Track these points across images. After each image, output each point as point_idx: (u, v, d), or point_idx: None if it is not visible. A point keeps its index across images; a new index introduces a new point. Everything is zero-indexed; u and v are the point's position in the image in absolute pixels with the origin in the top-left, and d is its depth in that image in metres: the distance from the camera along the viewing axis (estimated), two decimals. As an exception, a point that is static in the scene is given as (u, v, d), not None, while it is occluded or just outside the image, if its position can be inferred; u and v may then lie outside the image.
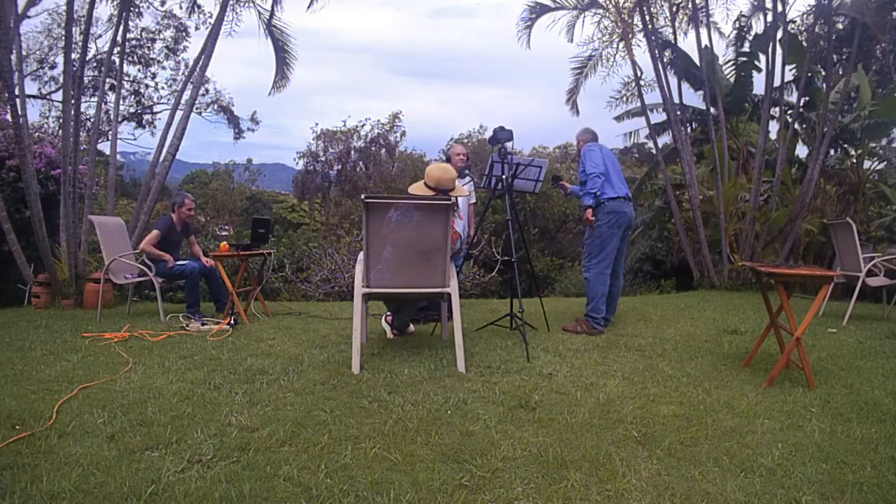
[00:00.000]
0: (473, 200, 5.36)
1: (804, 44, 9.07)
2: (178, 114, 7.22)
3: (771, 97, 8.67)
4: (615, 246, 4.37)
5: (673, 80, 9.14)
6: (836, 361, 3.56)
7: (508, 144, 4.23)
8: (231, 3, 7.71)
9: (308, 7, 8.58)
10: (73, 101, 6.56)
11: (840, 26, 10.10)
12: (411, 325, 4.24)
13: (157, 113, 15.64)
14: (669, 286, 10.96)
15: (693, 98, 10.59)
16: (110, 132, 9.36)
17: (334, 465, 1.95)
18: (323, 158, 19.54)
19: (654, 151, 11.60)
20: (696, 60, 9.11)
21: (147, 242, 5.02)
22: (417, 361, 3.33)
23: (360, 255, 3.39)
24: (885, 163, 11.03)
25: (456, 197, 3.56)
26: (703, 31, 8.98)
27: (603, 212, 4.32)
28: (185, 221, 5.28)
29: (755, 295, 7.18)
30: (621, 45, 9.46)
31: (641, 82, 9.60)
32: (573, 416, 2.45)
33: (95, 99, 9.15)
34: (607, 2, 9.37)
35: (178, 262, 5.01)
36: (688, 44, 15.48)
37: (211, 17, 9.64)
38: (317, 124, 25.45)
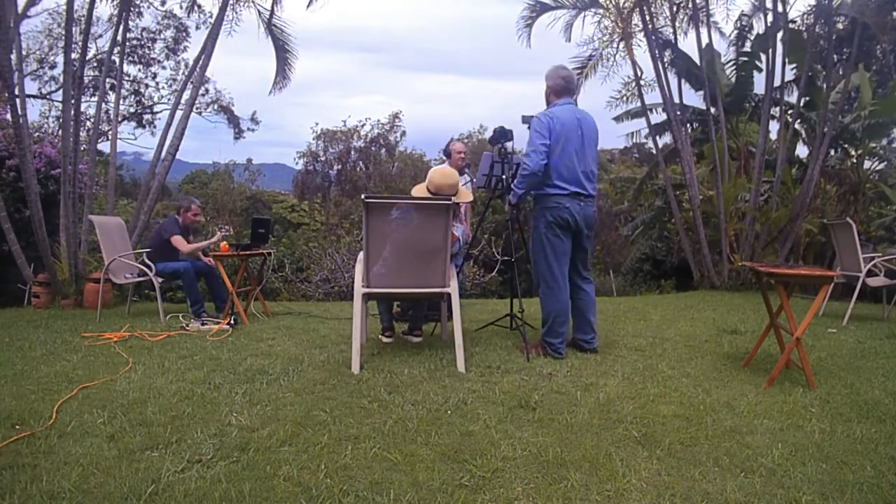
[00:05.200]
0: (471, 199, 5.35)
1: (805, 43, 9.07)
2: (178, 114, 7.22)
3: (771, 97, 8.68)
4: (564, 251, 3.48)
5: (673, 80, 9.16)
6: (836, 361, 3.55)
7: (508, 145, 4.22)
8: (231, 2, 7.71)
9: (308, 6, 8.59)
10: (73, 101, 6.56)
11: (840, 26, 10.10)
12: (419, 337, 4.10)
13: (157, 113, 15.64)
14: (669, 286, 10.97)
15: (693, 98, 10.60)
16: (110, 132, 9.37)
17: (334, 465, 1.95)
18: (323, 158, 19.57)
19: (654, 151, 11.59)
20: (697, 60, 9.12)
21: (185, 247, 5.11)
22: (417, 361, 3.33)
23: (360, 255, 3.39)
24: (886, 163, 11.03)
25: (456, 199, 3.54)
26: (704, 31, 8.99)
27: (539, 206, 3.50)
28: (189, 226, 5.32)
29: (755, 295, 7.17)
30: (621, 45, 9.47)
31: (641, 82, 9.61)
32: (573, 416, 2.45)
33: (95, 99, 9.14)
34: (607, 1, 9.37)
35: (170, 263, 5.03)
36: (688, 44, 15.47)
37: (211, 16, 9.64)
38: (317, 124, 25.48)
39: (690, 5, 8.87)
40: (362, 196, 3.25)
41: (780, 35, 8.32)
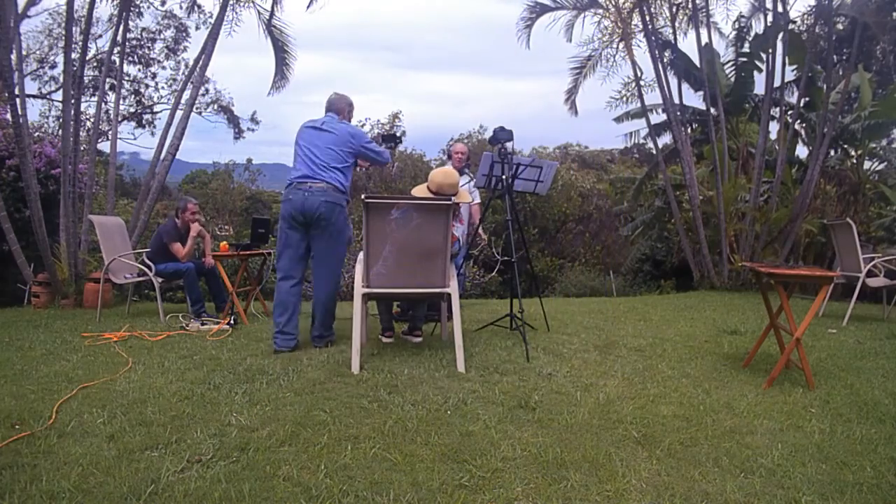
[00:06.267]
0: (478, 200, 5.34)
1: (805, 43, 9.07)
2: (178, 114, 7.23)
3: (771, 97, 8.68)
4: (289, 244, 3.60)
5: (673, 81, 9.16)
6: (836, 362, 3.55)
7: (508, 145, 4.22)
8: (231, 3, 7.71)
9: (308, 7, 8.59)
10: (73, 101, 6.56)
11: (840, 26, 10.11)
12: (419, 337, 4.10)
13: (157, 113, 15.64)
14: (669, 286, 10.98)
15: (693, 98, 10.61)
16: (110, 132, 9.37)
17: (334, 465, 1.95)
18: (323, 158, 19.52)
19: (654, 152, 11.60)
20: (697, 61, 9.12)
21: (181, 253, 5.07)
22: (417, 361, 3.33)
23: (360, 255, 3.39)
24: (885, 163, 11.04)
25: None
26: (703, 32, 8.99)
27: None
28: (188, 225, 5.23)
29: (755, 295, 7.17)
30: (621, 45, 9.47)
31: (641, 83, 9.61)
32: (573, 417, 2.45)
33: (95, 99, 9.14)
34: (607, 2, 9.38)
35: (171, 262, 5.03)
36: (688, 44, 15.48)
37: (211, 16, 9.63)
38: (317, 124, 25.38)
39: (690, 6, 8.87)
40: (362, 196, 3.24)
41: (780, 35, 8.32)
